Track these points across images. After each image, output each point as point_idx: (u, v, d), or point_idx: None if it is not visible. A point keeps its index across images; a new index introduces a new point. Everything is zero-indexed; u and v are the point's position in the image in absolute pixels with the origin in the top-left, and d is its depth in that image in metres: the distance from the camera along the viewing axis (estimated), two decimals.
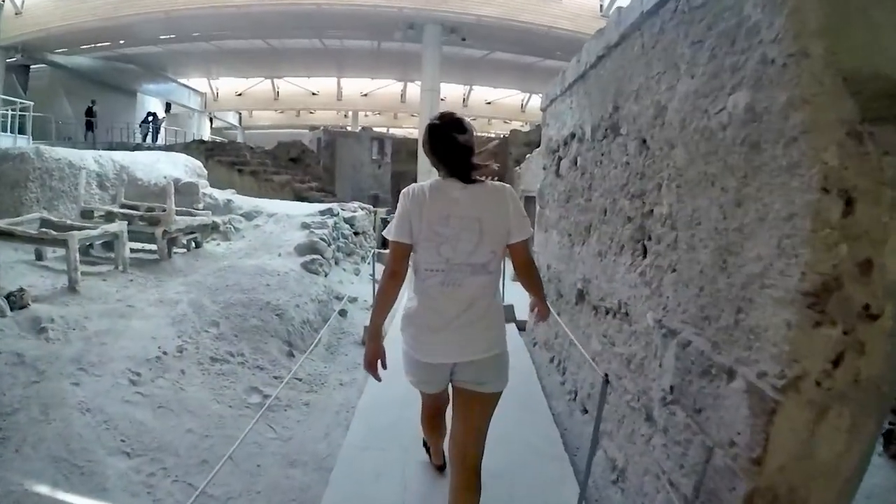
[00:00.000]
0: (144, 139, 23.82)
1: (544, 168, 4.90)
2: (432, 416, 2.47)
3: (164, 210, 6.24)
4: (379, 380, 2.13)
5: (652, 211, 2.42)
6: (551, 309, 4.11)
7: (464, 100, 33.23)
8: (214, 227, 7.52)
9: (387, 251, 2.11)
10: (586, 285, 3.42)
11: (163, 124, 25.79)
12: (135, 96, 28.52)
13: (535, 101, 33.12)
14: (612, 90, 3.00)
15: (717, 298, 1.82)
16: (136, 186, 8.53)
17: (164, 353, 4.09)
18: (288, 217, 7.56)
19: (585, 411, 3.51)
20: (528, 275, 2.19)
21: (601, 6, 18.59)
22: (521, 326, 5.76)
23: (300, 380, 4.16)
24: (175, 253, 6.54)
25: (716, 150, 1.81)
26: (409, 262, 2.08)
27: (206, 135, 32.33)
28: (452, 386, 2.15)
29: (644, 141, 2.51)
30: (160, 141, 24.10)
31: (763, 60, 1.56)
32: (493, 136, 22.14)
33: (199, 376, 3.96)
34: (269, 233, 7.19)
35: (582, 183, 3.56)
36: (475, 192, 2.01)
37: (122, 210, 6.86)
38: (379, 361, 2.09)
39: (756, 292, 1.63)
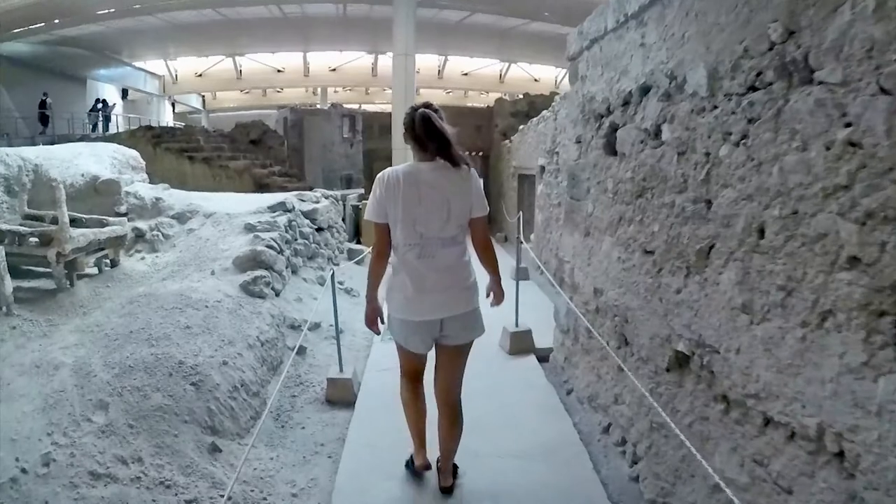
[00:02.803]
0: (94, 129, 21.65)
1: (578, 141, 3.39)
2: (414, 390, 2.60)
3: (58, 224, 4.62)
4: (378, 333, 2.56)
5: None
6: (616, 356, 2.68)
7: (439, 72, 31.28)
8: (140, 236, 5.90)
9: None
10: (707, 354, 1.95)
11: (112, 111, 23.53)
12: (84, 83, 26.05)
13: (515, 71, 31.45)
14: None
15: None
16: (51, 189, 6.86)
17: (24, 469, 2.62)
18: (229, 217, 5.82)
19: None
20: (484, 247, 2.38)
21: None
22: (544, 356, 4.28)
23: (229, 499, 2.66)
24: (83, 276, 4.94)
25: None
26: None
27: (168, 120, 30.12)
28: (437, 345, 2.42)
29: None
30: (112, 129, 21.96)
31: None
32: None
33: None
34: (204, 240, 5.51)
35: (683, 169, 2.07)
36: (443, 174, 2.23)
37: (11, 227, 5.18)
38: (378, 319, 2.43)
39: None
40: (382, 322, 2.41)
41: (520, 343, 4.29)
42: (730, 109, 1.76)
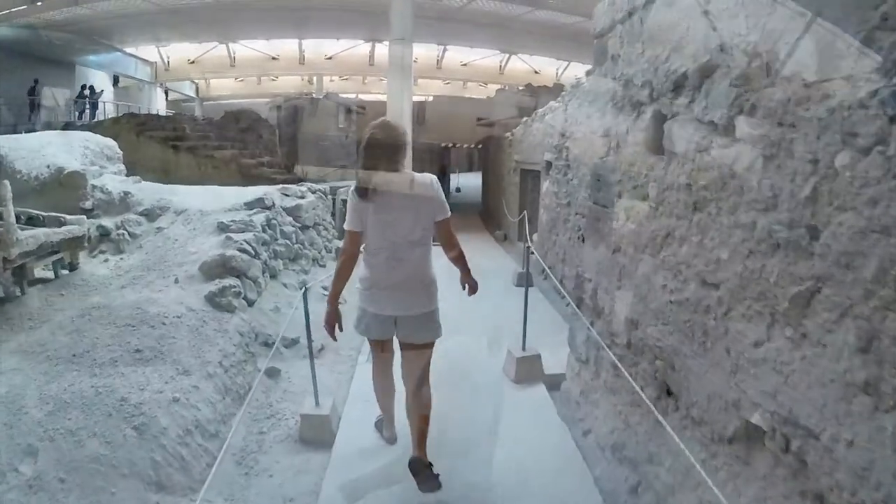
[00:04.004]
0: (80, 117, 20.96)
1: (605, 135, 2.85)
2: (383, 372, 2.80)
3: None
4: (335, 339, 2.68)
5: None
6: (655, 410, 2.17)
7: (437, 62, 30.56)
8: (104, 235, 5.34)
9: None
10: (798, 438, 1.43)
11: (100, 98, 22.80)
12: (73, 69, 25.23)
13: (516, 63, 30.77)
14: None
15: None
16: (15, 182, 6.27)
17: None
18: (201, 215, 5.29)
19: None
20: (451, 247, 2.55)
21: None
22: (553, 384, 3.74)
23: None
24: (36, 282, 4.40)
25: None
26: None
27: (161, 108, 29.39)
28: (399, 343, 2.60)
29: None
30: (100, 117, 21.25)
31: None
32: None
33: None
34: (173, 240, 4.92)
35: (773, 180, 1.54)
36: (407, 185, 2.44)
37: None
38: (336, 325, 2.53)
39: None
40: (341, 329, 2.52)
41: (527, 370, 3.75)
42: (856, 101, 1.22)
